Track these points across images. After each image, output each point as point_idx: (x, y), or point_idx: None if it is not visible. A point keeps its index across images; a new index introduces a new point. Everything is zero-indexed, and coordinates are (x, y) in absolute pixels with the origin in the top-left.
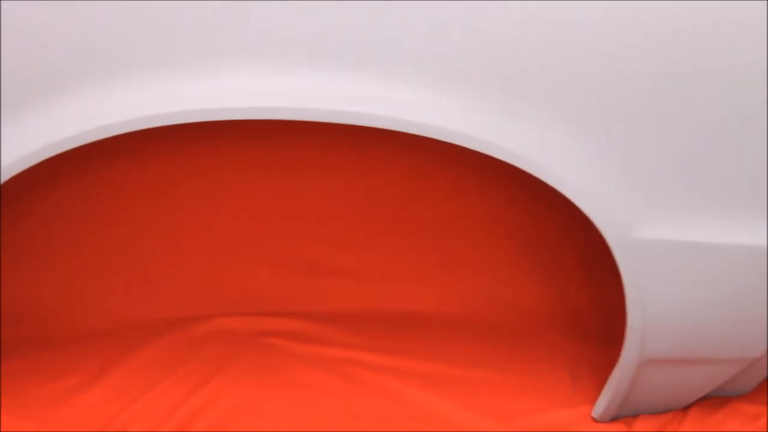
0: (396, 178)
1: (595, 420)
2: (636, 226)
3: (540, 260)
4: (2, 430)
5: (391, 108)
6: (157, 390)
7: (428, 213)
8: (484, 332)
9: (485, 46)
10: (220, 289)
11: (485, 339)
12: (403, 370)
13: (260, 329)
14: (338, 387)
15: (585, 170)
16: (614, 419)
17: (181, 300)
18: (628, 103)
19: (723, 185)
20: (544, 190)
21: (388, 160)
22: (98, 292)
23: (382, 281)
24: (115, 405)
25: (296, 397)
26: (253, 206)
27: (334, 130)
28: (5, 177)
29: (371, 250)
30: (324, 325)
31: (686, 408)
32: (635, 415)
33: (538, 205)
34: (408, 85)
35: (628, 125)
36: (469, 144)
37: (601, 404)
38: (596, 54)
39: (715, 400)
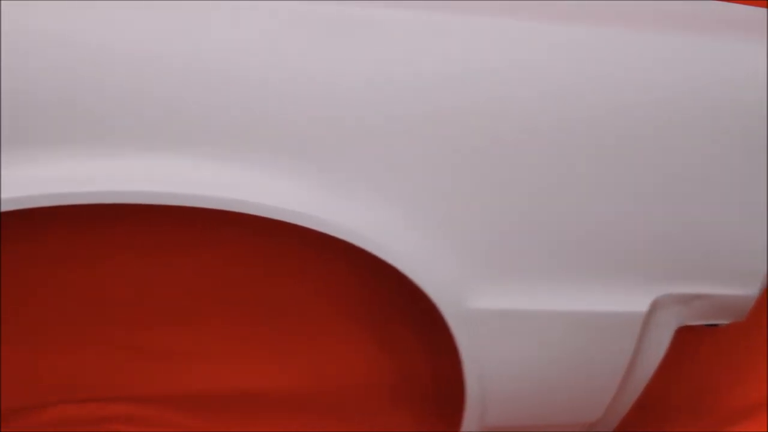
0: (226, 258)
1: None
2: (470, 296)
3: (378, 334)
4: None
5: (210, 187)
6: None
7: (262, 292)
8: (323, 410)
9: (301, 125)
10: (51, 376)
11: (324, 417)
12: None
13: (98, 415)
14: None
15: (415, 243)
16: None
17: (15, 389)
18: (452, 175)
19: (553, 254)
20: (381, 265)
21: (218, 240)
22: None
23: (215, 361)
24: None
25: None
26: (78, 292)
27: (156, 211)
28: None
29: (202, 330)
30: (161, 408)
31: None
32: None
33: (375, 279)
34: (227, 163)
35: (455, 197)
36: (297, 220)
37: None
38: (414, 126)
39: None
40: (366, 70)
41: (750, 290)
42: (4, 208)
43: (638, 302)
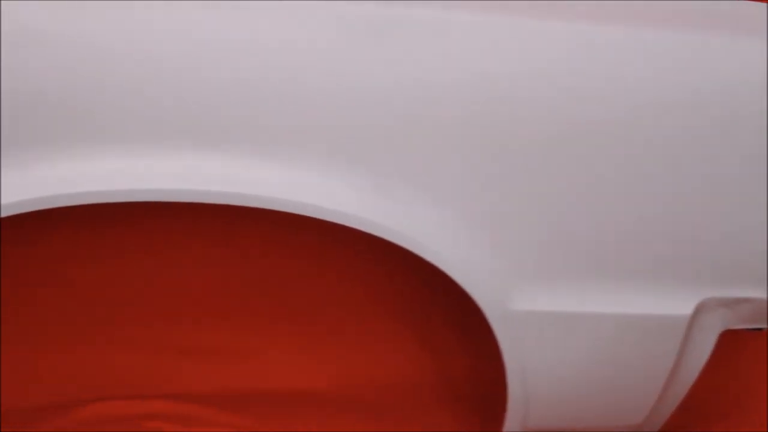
0: (272, 257)
1: None
2: (512, 297)
3: (420, 334)
4: None
5: (258, 187)
6: None
7: (303, 291)
8: (363, 409)
9: (349, 126)
10: (95, 373)
11: (365, 416)
12: None
13: (140, 412)
14: None
15: (460, 244)
16: None
17: (57, 386)
18: (498, 177)
19: (597, 256)
20: (422, 264)
21: (263, 239)
22: None
23: (256, 360)
24: None
25: None
26: (124, 290)
27: (202, 210)
28: None
29: (248, 328)
30: (205, 406)
31: None
32: None
33: (418, 278)
34: (277, 163)
35: (500, 198)
36: (341, 220)
37: None
38: (460, 128)
39: None
40: (413, 71)
41: None
42: (6, 213)
43: (683, 305)
